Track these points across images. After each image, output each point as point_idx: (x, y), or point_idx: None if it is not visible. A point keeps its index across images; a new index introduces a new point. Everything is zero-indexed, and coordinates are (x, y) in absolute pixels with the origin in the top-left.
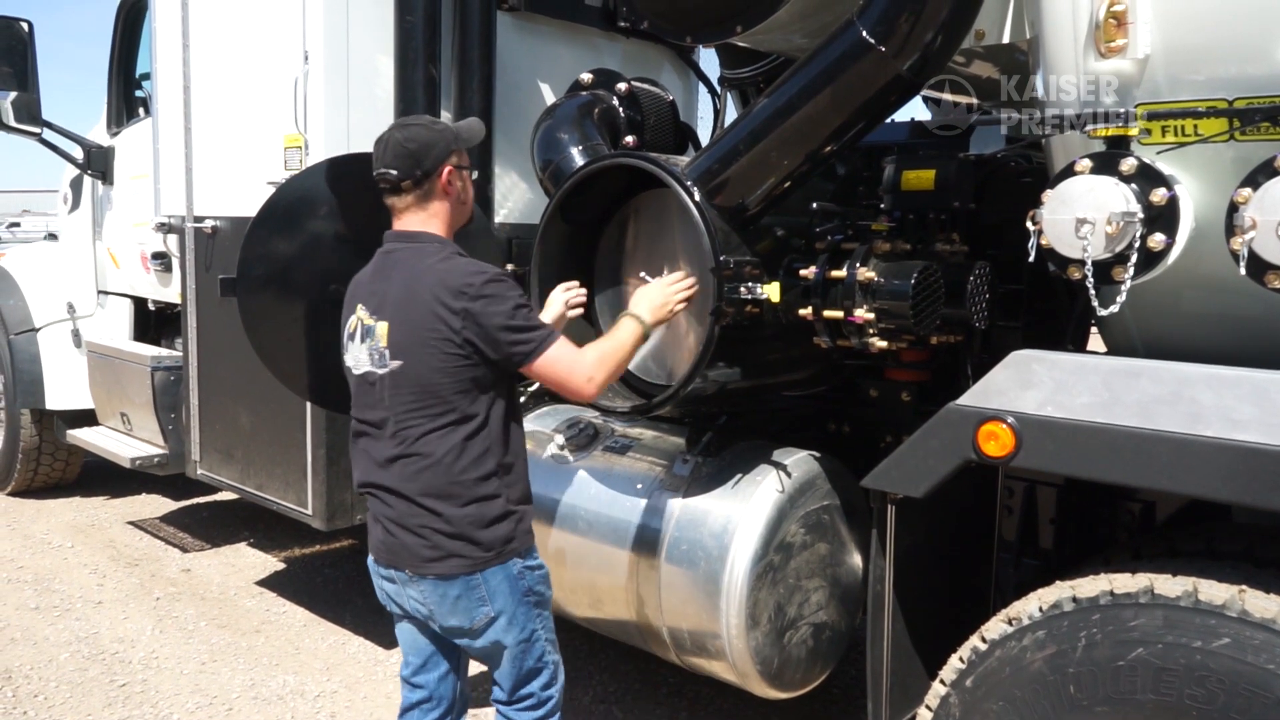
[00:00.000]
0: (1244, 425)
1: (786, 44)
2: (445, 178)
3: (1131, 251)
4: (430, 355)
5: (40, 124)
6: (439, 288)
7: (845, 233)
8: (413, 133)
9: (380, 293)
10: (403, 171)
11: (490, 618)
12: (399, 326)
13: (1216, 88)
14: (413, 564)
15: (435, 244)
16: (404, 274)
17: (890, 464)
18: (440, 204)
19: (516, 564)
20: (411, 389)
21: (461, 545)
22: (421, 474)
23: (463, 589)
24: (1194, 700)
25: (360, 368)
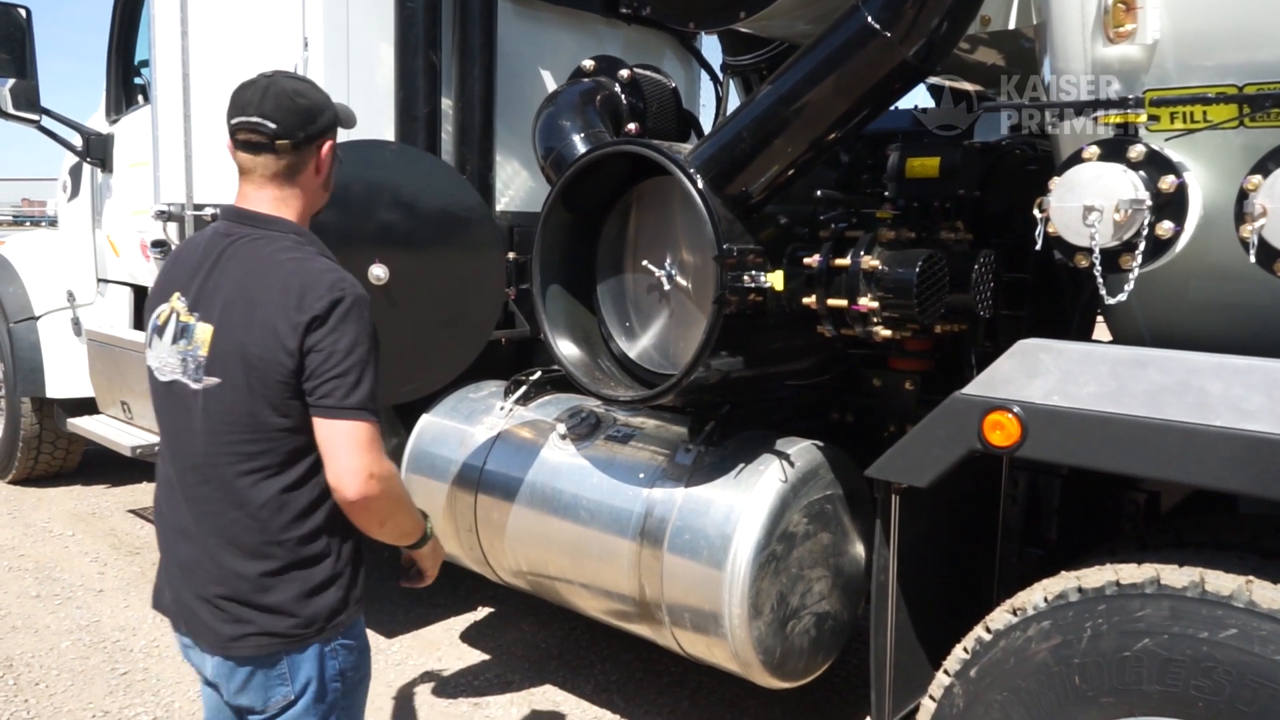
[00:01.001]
0: (1253, 415)
1: (790, 30)
2: (325, 152)
3: (1139, 239)
4: (256, 379)
5: (39, 111)
6: (287, 294)
7: (849, 221)
8: (303, 86)
9: (209, 285)
10: (283, 128)
11: (289, 700)
12: (226, 334)
13: (1226, 73)
14: (209, 640)
15: (292, 236)
16: (244, 268)
17: (895, 454)
18: (307, 183)
19: (334, 643)
20: (228, 416)
21: (272, 620)
22: (229, 527)
23: (258, 668)
24: (1200, 691)
25: (166, 374)
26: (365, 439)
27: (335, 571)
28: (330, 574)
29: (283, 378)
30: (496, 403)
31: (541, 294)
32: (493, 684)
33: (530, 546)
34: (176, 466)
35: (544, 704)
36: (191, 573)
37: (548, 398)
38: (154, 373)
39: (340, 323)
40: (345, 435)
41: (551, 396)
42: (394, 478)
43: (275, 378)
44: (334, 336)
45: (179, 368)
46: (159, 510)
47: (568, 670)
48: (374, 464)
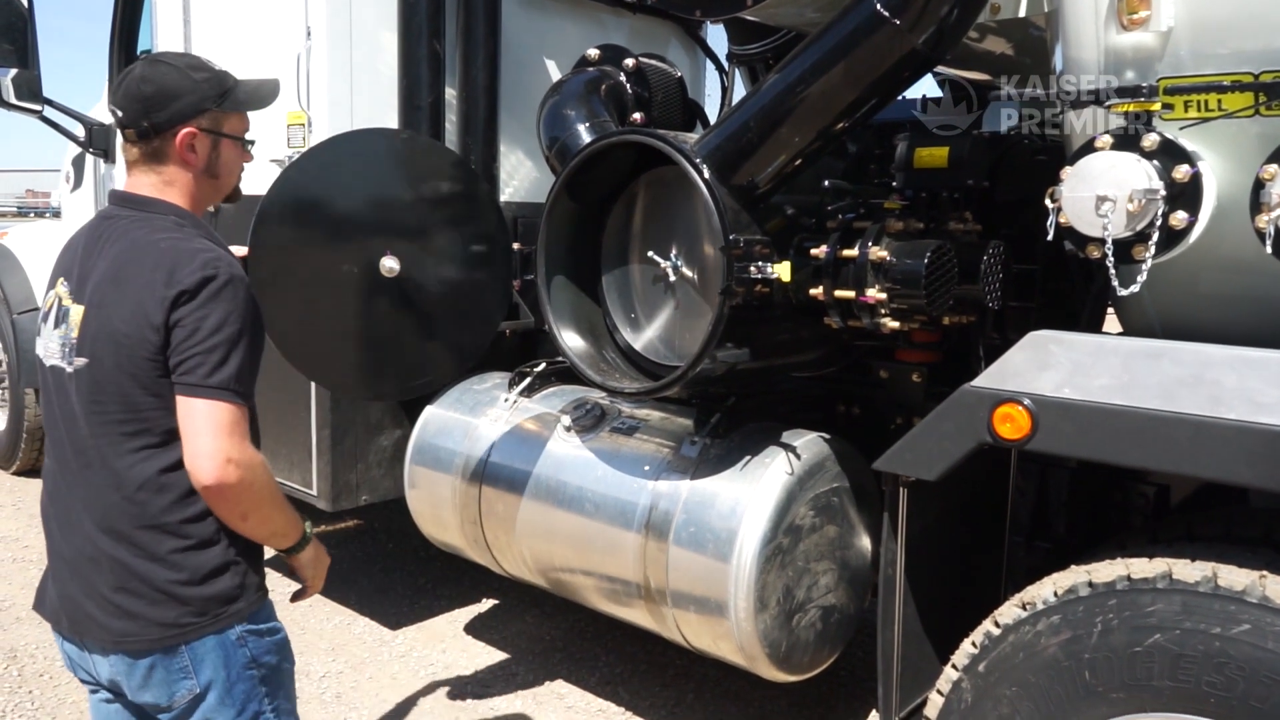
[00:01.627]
0: (1269, 408)
1: (797, 18)
2: (181, 141)
3: (1153, 230)
4: (124, 356)
5: (42, 101)
6: (157, 270)
7: (857, 211)
8: (158, 72)
9: (87, 267)
10: (126, 117)
11: (194, 694)
12: (95, 314)
13: (1242, 61)
14: (100, 637)
15: (171, 216)
16: (118, 248)
17: (903, 446)
18: (177, 171)
19: (235, 630)
20: (100, 396)
21: (161, 609)
22: (111, 511)
23: (157, 660)
24: (1212, 687)
25: (50, 359)
26: (226, 421)
27: (227, 558)
28: (221, 560)
29: (149, 354)
30: (501, 395)
31: (546, 285)
32: (497, 676)
33: (535, 539)
34: (59, 455)
35: (548, 696)
36: (77, 567)
37: (552, 389)
38: (41, 361)
39: (210, 300)
40: (203, 415)
41: (556, 388)
42: (258, 467)
43: (142, 354)
44: (201, 313)
45: (58, 352)
46: (44, 509)
47: (572, 663)
48: (233, 449)
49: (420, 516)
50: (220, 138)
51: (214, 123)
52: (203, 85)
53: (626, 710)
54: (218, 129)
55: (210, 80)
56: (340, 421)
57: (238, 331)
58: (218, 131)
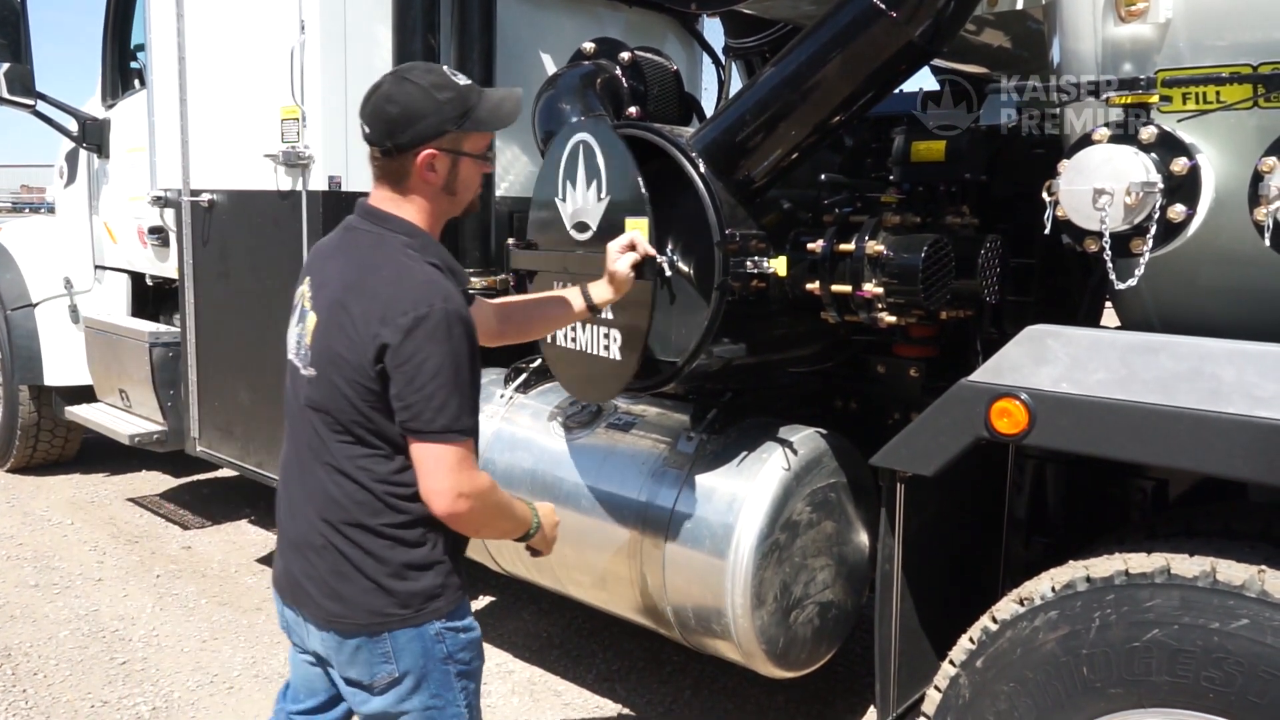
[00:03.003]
0: (1267, 402)
1: (793, 11)
2: (422, 162)
3: (1150, 223)
4: (343, 378)
5: (34, 96)
6: (376, 300)
7: (854, 205)
8: (404, 92)
9: (326, 275)
10: (374, 135)
11: (393, 678)
12: (322, 331)
13: (1240, 53)
14: (311, 608)
15: (402, 237)
16: (350, 267)
17: (900, 442)
18: (421, 188)
19: (434, 625)
20: (324, 404)
21: (369, 598)
22: (332, 505)
23: (364, 642)
24: (1211, 683)
25: (290, 352)
26: (452, 461)
27: (432, 558)
28: (427, 559)
29: (366, 381)
30: (497, 390)
31: None
32: (494, 673)
33: None
34: (293, 443)
35: (545, 693)
36: (300, 548)
37: (549, 385)
38: (286, 352)
39: (425, 341)
40: (433, 459)
41: (552, 384)
42: (485, 493)
43: (359, 379)
44: (417, 357)
45: (295, 349)
46: (279, 489)
47: (569, 659)
48: (463, 483)
49: None
50: (460, 157)
51: (454, 143)
52: (445, 106)
53: (623, 707)
54: (457, 149)
55: (453, 100)
56: None
57: (453, 371)
58: (457, 151)
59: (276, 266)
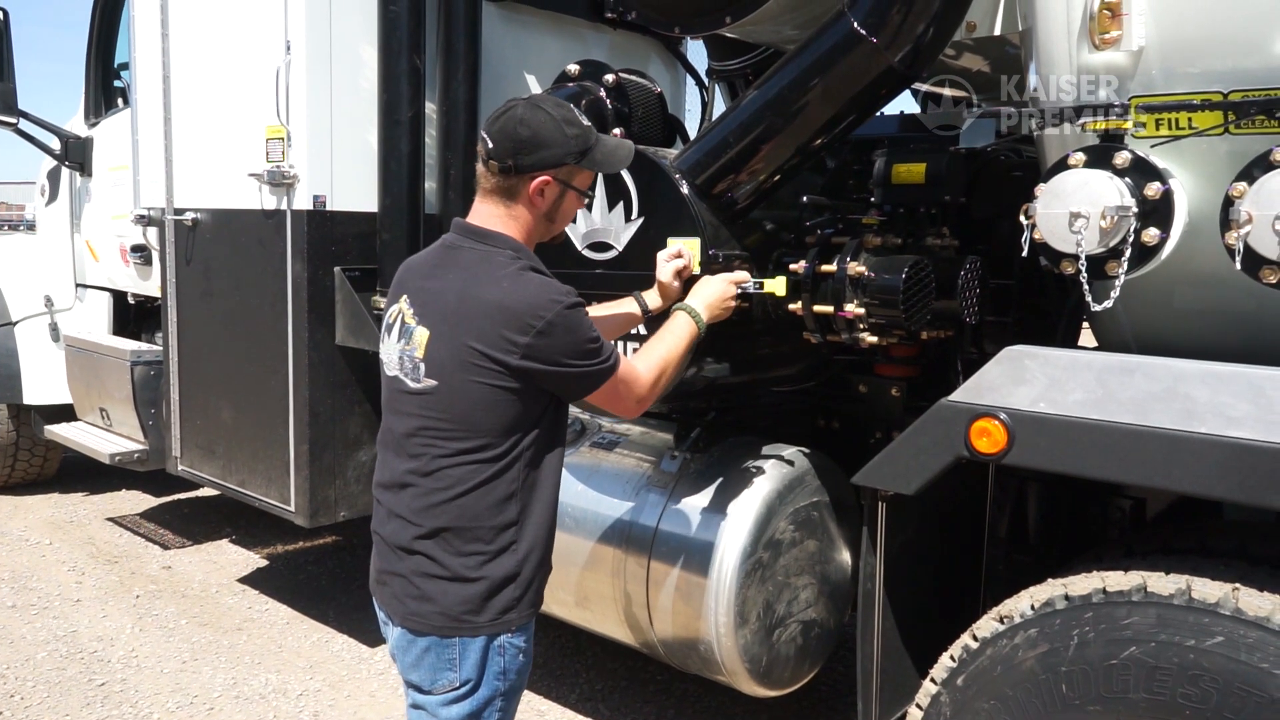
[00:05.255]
0: (1239, 422)
1: (776, 36)
2: (537, 187)
3: (1125, 246)
4: (473, 386)
5: (16, 114)
6: (502, 311)
7: (835, 227)
8: (537, 119)
9: (431, 292)
10: (496, 150)
11: (453, 687)
12: (442, 343)
13: (1212, 80)
14: (391, 605)
15: (508, 252)
16: (462, 280)
17: (881, 460)
18: (522, 210)
19: (501, 638)
20: (443, 413)
21: (448, 600)
22: (432, 508)
23: (433, 644)
24: (1187, 699)
25: (390, 369)
26: (621, 385)
27: (517, 570)
28: (512, 571)
29: (498, 383)
30: None
31: None
32: None
33: None
34: (392, 448)
35: (529, 713)
36: (392, 547)
37: None
38: (383, 365)
39: (561, 334)
40: (605, 398)
41: None
42: (657, 379)
43: (490, 382)
44: (555, 339)
45: (398, 364)
46: (374, 493)
47: (552, 679)
48: (634, 394)
49: None
50: (568, 189)
51: (568, 175)
52: (570, 141)
53: None
54: (569, 181)
55: (578, 137)
56: (318, 437)
57: (587, 340)
58: (568, 184)
59: (260, 285)
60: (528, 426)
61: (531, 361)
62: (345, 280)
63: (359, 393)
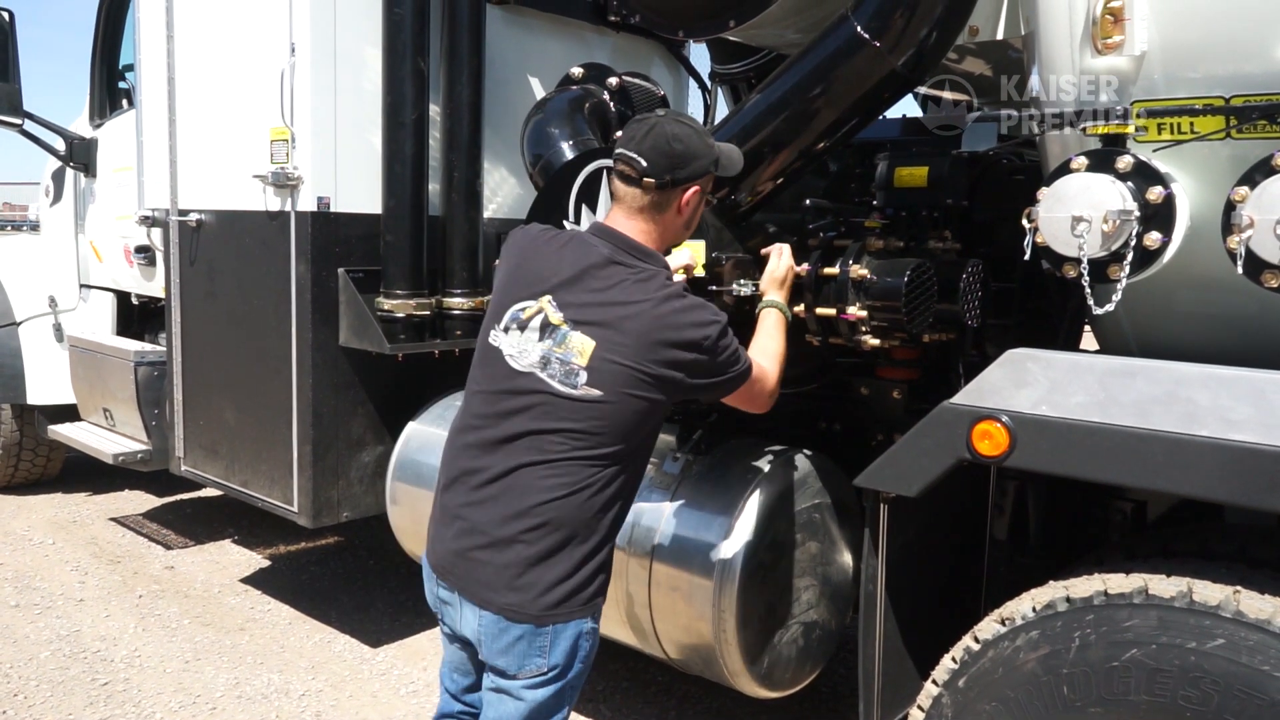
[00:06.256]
0: (1240, 425)
1: (779, 39)
2: (688, 198)
3: (1127, 250)
4: (636, 400)
5: (22, 115)
6: (670, 332)
7: (838, 230)
8: (683, 132)
9: (594, 304)
10: (652, 168)
11: (541, 672)
12: (612, 357)
13: (1213, 85)
14: (482, 593)
15: (662, 273)
16: (626, 298)
17: (883, 463)
18: (670, 221)
19: (587, 624)
20: (599, 421)
21: (551, 593)
22: (549, 503)
23: (528, 631)
24: (1188, 702)
25: (523, 363)
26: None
27: (608, 558)
28: (606, 559)
29: (654, 396)
30: None
31: None
32: None
33: None
34: (495, 439)
35: None
36: (486, 535)
37: None
38: (505, 357)
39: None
40: (743, 398)
41: None
42: (778, 374)
43: (650, 397)
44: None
45: (538, 363)
46: (455, 472)
47: None
48: (764, 393)
49: (402, 533)
50: (705, 196)
51: (706, 183)
52: (711, 150)
53: None
54: (706, 188)
55: (714, 145)
56: (322, 438)
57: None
58: (705, 190)
59: (264, 286)
60: (650, 437)
61: (698, 378)
62: (349, 281)
63: (362, 393)
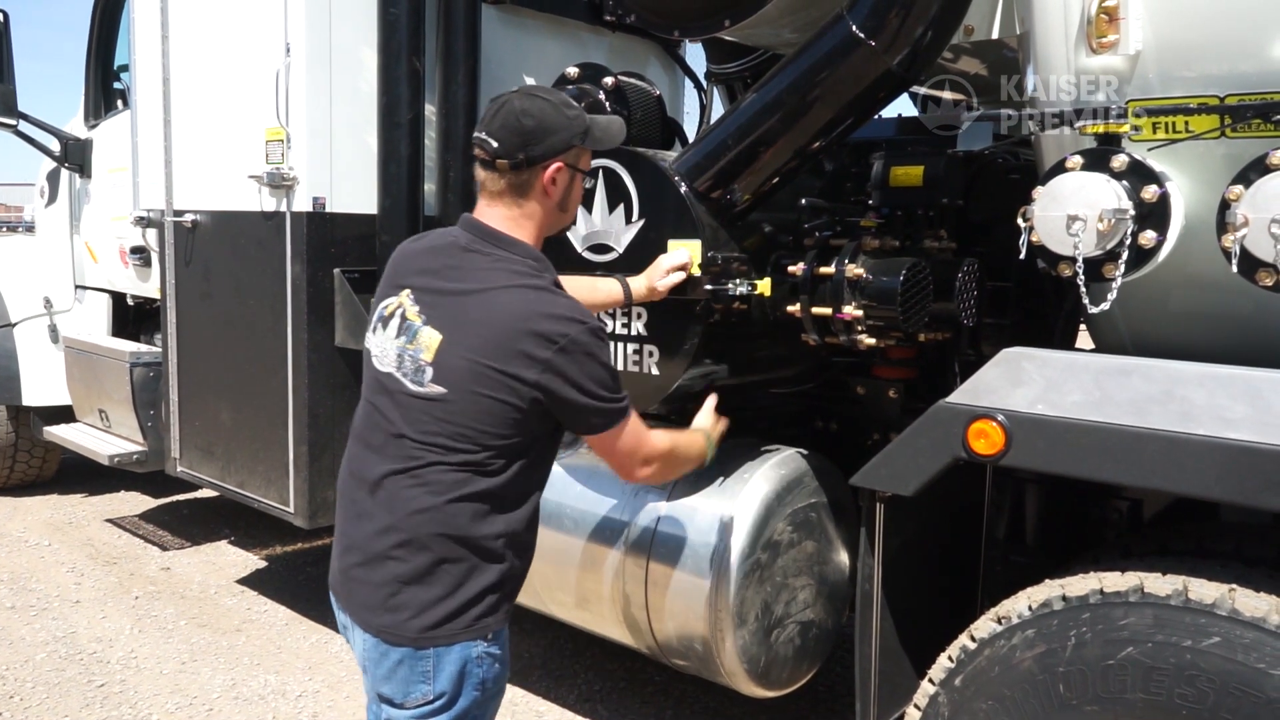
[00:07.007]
0: (1236, 424)
1: (775, 39)
2: (551, 175)
3: (1122, 249)
4: (483, 399)
5: (16, 116)
6: (524, 325)
7: (833, 229)
8: (536, 106)
9: (443, 294)
10: (503, 148)
11: (427, 700)
12: (456, 351)
13: (1208, 84)
14: (361, 614)
15: (528, 261)
16: (483, 289)
17: (879, 462)
18: (536, 204)
19: (479, 646)
20: (447, 421)
21: (428, 613)
22: (416, 514)
23: (407, 655)
24: (1184, 699)
25: (384, 364)
26: (626, 444)
27: (500, 577)
28: (497, 579)
29: (517, 401)
30: None
31: None
32: None
33: None
34: (369, 445)
35: (527, 713)
36: (363, 553)
37: None
38: (372, 358)
39: (583, 357)
40: (607, 445)
41: None
42: (665, 454)
43: (503, 398)
44: (586, 365)
45: (395, 363)
46: (342, 487)
47: (551, 679)
48: (640, 454)
49: None
50: (576, 173)
51: (575, 158)
52: (573, 122)
53: None
54: (576, 165)
55: (578, 117)
56: (318, 438)
57: (605, 371)
58: (576, 167)
59: (259, 287)
60: (526, 445)
61: (549, 378)
62: (345, 282)
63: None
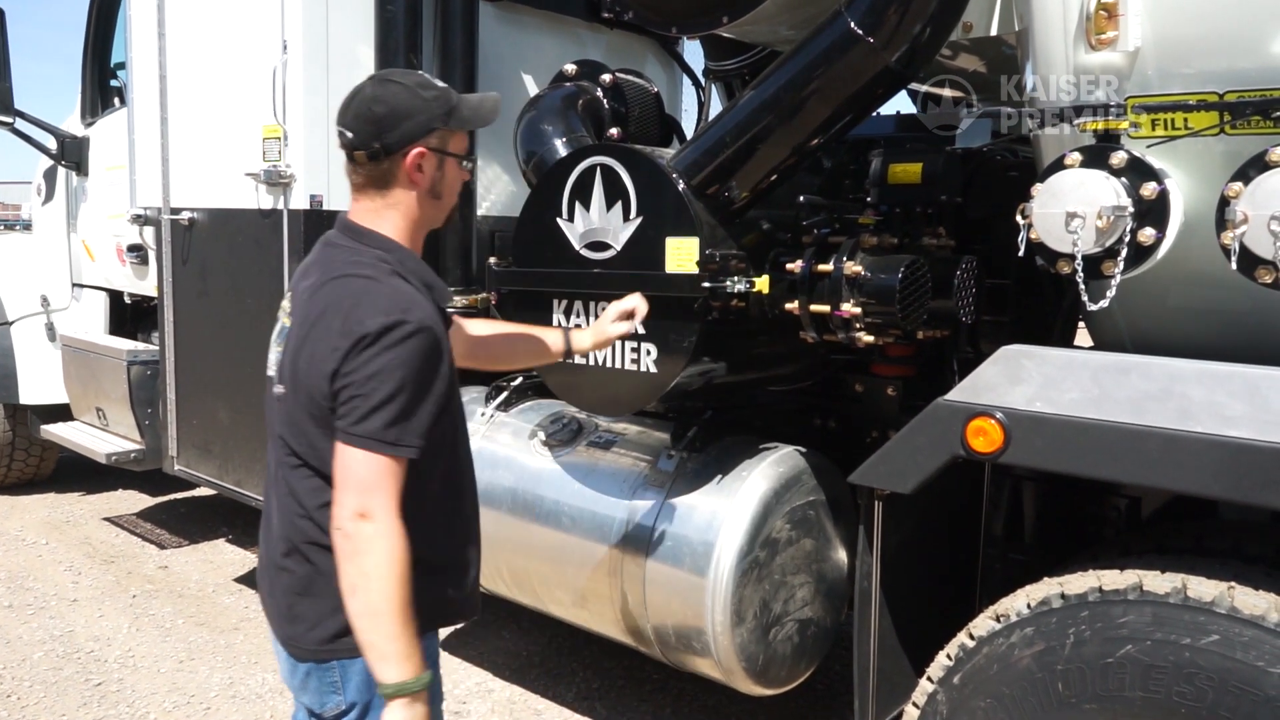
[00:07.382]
0: (1235, 421)
1: (773, 35)
2: (411, 162)
3: (1121, 246)
4: (303, 395)
5: (12, 114)
6: (336, 315)
7: (832, 226)
8: (389, 92)
9: (299, 291)
10: (358, 138)
11: (341, 710)
12: (291, 346)
13: (1207, 81)
14: (272, 623)
15: (377, 252)
16: (322, 283)
17: (877, 460)
18: (403, 194)
19: None
20: (288, 423)
21: (323, 625)
22: (293, 524)
23: (313, 668)
24: (1183, 697)
25: (272, 369)
26: (362, 474)
27: None
28: None
29: (323, 398)
30: (477, 409)
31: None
32: (474, 692)
33: (512, 553)
34: (270, 461)
35: (526, 712)
36: (269, 565)
37: (529, 403)
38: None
39: (379, 351)
40: (341, 464)
41: (533, 402)
42: (387, 538)
43: (317, 397)
44: (368, 366)
45: (273, 366)
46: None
47: (549, 678)
48: (366, 504)
49: None
50: (445, 157)
51: (441, 141)
52: (432, 104)
53: None
54: (444, 148)
55: (438, 99)
56: None
57: (400, 381)
58: (444, 150)
59: (257, 285)
60: None
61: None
62: None
63: None
